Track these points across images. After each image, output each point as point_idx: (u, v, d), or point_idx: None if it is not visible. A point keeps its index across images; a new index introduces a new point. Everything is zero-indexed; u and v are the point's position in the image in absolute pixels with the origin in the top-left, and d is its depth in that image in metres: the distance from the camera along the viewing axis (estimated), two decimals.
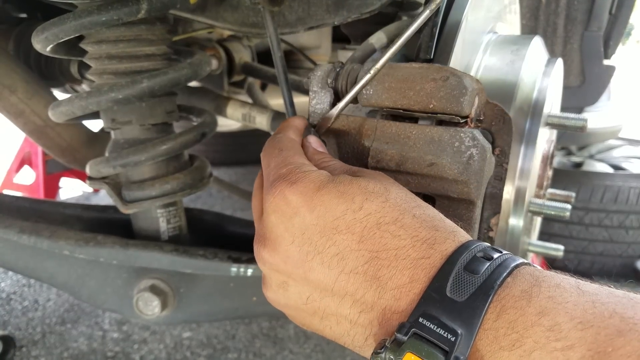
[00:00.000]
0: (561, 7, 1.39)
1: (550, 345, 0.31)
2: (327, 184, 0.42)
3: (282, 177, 0.44)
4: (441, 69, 0.49)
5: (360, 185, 0.41)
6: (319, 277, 0.40)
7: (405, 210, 0.40)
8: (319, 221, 0.41)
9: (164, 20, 0.82)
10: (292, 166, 0.44)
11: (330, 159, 0.51)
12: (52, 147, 1.15)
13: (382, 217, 0.40)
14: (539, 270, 0.37)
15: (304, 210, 0.41)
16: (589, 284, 0.35)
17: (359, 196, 0.41)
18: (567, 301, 0.32)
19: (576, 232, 1.98)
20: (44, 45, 0.75)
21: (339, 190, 0.41)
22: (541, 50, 0.70)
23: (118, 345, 1.67)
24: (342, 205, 0.40)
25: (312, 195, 0.41)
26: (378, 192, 0.41)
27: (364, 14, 0.71)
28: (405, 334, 0.34)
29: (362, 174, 0.46)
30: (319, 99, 0.55)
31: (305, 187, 0.42)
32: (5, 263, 0.94)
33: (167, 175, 0.88)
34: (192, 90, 1.29)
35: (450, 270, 0.36)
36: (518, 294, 0.34)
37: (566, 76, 1.49)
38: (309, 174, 0.43)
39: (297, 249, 0.41)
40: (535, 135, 0.63)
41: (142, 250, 0.85)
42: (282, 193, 0.42)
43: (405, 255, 0.38)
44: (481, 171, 0.47)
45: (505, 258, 0.37)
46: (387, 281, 0.38)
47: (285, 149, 0.48)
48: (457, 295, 0.34)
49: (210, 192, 3.00)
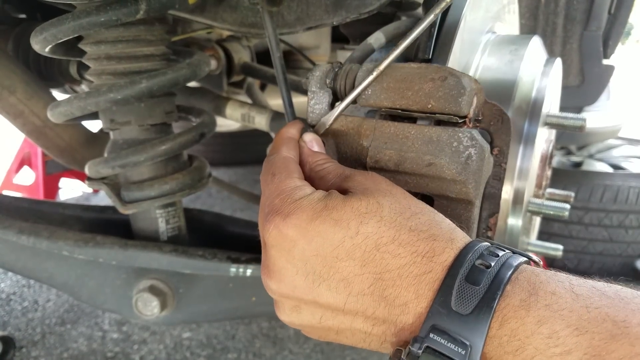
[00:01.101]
0: (560, 7, 1.39)
1: (550, 351, 0.33)
2: (320, 212, 0.42)
3: (275, 210, 0.43)
4: (439, 69, 0.49)
5: (353, 207, 0.42)
6: (328, 301, 0.42)
7: (401, 225, 0.41)
8: (319, 252, 0.41)
9: (163, 20, 0.82)
10: (284, 195, 0.44)
11: (325, 160, 0.51)
12: (51, 148, 1.15)
13: (379, 239, 0.40)
14: (536, 273, 0.38)
15: (301, 243, 0.42)
16: (582, 284, 0.37)
17: (353, 221, 0.41)
18: (562, 308, 0.34)
19: (576, 231, 1.98)
20: (42, 45, 0.74)
21: (333, 218, 0.41)
22: (540, 50, 0.70)
23: (118, 346, 1.66)
24: (339, 233, 0.41)
25: (307, 227, 0.41)
26: (372, 212, 0.41)
27: (362, 14, 0.71)
28: (419, 349, 0.37)
29: (354, 180, 0.46)
30: (317, 99, 0.55)
31: (299, 218, 0.42)
32: (5, 263, 0.94)
33: (166, 176, 0.88)
34: (191, 91, 1.29)
35: (452, 283, 0.38)
36: (517, 303, 0.36)
37: (565, 76, 1.49)
38: (301, 202, 0.43)
39: (302, 279, 0.42)
40: (534, 135, 0.63)
41: (141, 251, 0.85)
42: (277, 228, 0.42)
43: (407, 273, 0.39)
44: (480, 171, 0.47)
45: (502, 263, 0.38)
46: (394, 299, 0.40)
47: (278, 172, 0.48)
48: (462, 308, 0.37)
49: (209, 192, 3.00)
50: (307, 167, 0.51)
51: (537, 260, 0.42)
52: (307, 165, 0.51)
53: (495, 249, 0.40)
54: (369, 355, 1.62)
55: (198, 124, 0.91)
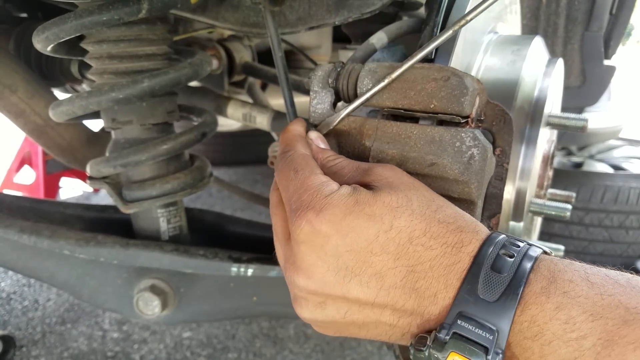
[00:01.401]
0: (562, 8, 1.39)
1: (567, 336, 0.35)
2: (353, 207, 0.42)
3: (305, 205, 0.43)
4: (442, 69, 0.49)
5: (385, 202, 0.42)
6: (358, 296, 0.42)
7: (431, 218, 0.42)
8: (353, 247, 0.41)
9: (165, 20, 0.82)
10: (312, 190, 0.44)
11: (335, 157, 0.51)
12: (52, 147, 1.15)
13: (412, 232, 0.41)
14: (554, 262, 0.40)
15: (335, 239, 0.41)
16: (596, 272, 0.39)
17: (387, 215, 0.41)
18: (579, 295, 0.36)
19: (576, 232, 1.98)
20: (44, 44, 0.75)
21: (367, 214, 0.41)
22: (542, 51, 0.70)
23: (118, 345, 1.67)
24: (373, 228, 0.41)
25: (341, 222, 0.41)
26: (403, 206, 0.42)
27: (364, 14, 0.71)
28: (447, 335, 0.38)
29: (375, 174, 0.46)
30: (319, 99, 0.55)
31: (333, 214, 0.42)
32: (6, 263, 0.94)
33: (167, 175, 0.88)
34: (192, 90, 1.29)
35: (478, 271, 0.39)
36: (538, 290, 0.38)
37: (567, 76, 1.49)
38: (332, 197, 0.43)
39: (332, 275, 0.42)
40: (535, 136, 0.63)
41: (143, 250, 0.85)
42: (310, 223, 0.42)
43: (438, 264, 0.40)
44: (482, 171, 0.47)
45: (523, 252, 0.40)
46: (425, 290, 0.41)
47: (301, 169, 0.47)
48: (488, 295, 0.38)
49: (210, 192, 3.00)
50: (319, 163, 0.51)
51: (549, 251, 0.43)
52: (318, 161, 0.51)
53: (514, 240, 0.42)
54: (369, 355, 1.62)
55: (199, 124, 0.91)
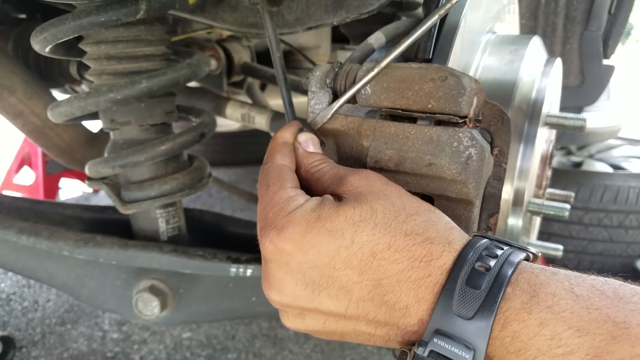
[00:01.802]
0: (560, 7, 1.39)
1: (552, 352, 0.34)
2: (314, 224, 0.42)
3: (269, 224, 0.44)
4: (440, 69, 0.49)
5: (347, 216, 0.42)
6: (330, 308, 0.42)
7: (396, 230, 0.41)
8: (316, 263, 0.41)
9: (163, 20, 0.82)
10: (277, 208, 0.44)
11: (320, 161, 0.50)
12: (51, 148, 1.15)
13: (375, 246, 0.41)
14: (535, 274, 0.38)
15: (298, 256, 0.42)
16: (581, 283, 0.37)
17: (348, 230, 0.41)
18: (564, 310, 0.35)
19: (576, 231, 1.98)
20: (42, 45, 0.75)
21: (327, 229, 0.41)
22: (540, 50, 0.70)
23: (118, 346, 1.66)
24: (334, 244, 0.41)
25: (302, 240, 0.42)
26: (365, 219, 0.41)
27: (362, 14, 0.71)
28: (424, 352, 0.38)
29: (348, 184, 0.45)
30: (317, 99, 0.55)
31: (293, 232, 0.42)
32: (5, 264, 0.94)
33: (166, 176, 0.88)
34: (191, 91, 1.29)
35: (453, 287, 0.38)
36: (519, 306, 0.37)
37: (565, 76, 1.49)
38: (294, 215, 0.43)
39: (302, 289, 0.43)
40: (534, 135, 0.63)
41: (142, 251, 0.85)
42: (273, 243, 0.43)
43: (406, 278, 0.40)
44: (480, 171, 0.47)
45: (501, 263, 0.39)
46: (395, 304, 0.40)
47: (272, 183, 0.47)
48: (464, 311, 0.37)
49: (209, 192, 3.00)
50: (303, 169, 0.51)
51: (535, 252, 0.42)
52: (302, 167, 0.51)
53: (494, 247, 0.41)
54: (369, 355, 1.62)
55: (198, 124, 0.91)
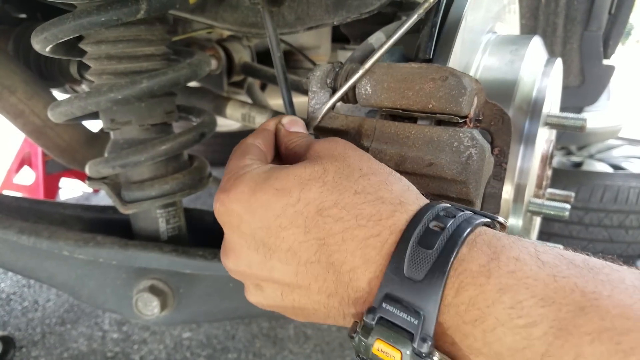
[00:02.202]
0: (561, 7, 1.39)
1: (513, 322, 0.31)
2: (261, 184, 0.41)
3: (220, 188, 0.43)
4: (440, 69, 0.49)
5: (296, 174, 0.41)
6: (282, 275, 0.41)
7: (345, 188, 0.40)
8: (263, 223, 0.41)
9: (164, 20, 0.82)
10: (231, 174, 0.44)
11: (299, 137, 0.50)
12: (51, 148, 1.15)
13: (321, 203, 0.39)
14: (497, 237, 0.35)
15: (247, 217, 0.41)
16: (548, 250, 0.34)
17: (295, 188, 0.40)
18: (527, 276, 0.32)
19: (576, 231, 1.98)
20: (43, 45, 0.75)
21: (275, 188, 0.40)
22: (540, 50, 0.70)
23: (118, 346, 1.67)
24: (281, 201, 0.40)
25: (249, 200, 0.41)
26: (315, 177, 0.40)
27: (363, 14, 0.71)
28: (372, 320, 0.35)
29: (312, 149, 0.45)
30: (318, 99, 0.55)
31: (241, 192, 0.41)
32: (5, 263, 0.94)
33: (166, 176, 0.88)
34: (191, 91, 1.29)
35: (405, 248, 0.35)
36: (476, 268, 0.33)
37: (566, 76, 1.49)
38: (243, 176, 0.42)
39: (254, 253, 0.42)
40: (534, 135, 0.63)
41: (142, 251, 0.85)
42: (223, 204, 0.42)
43: (352, 237, 0.38)
44: (480, 171, 0.47)
45: (458, 223, 0.36)
46: (341, 265, 0.38)
47: (234, 157, 0.47)
48: (414, 273, 0.34)
49: (210, 192, 3.00)
50: (283, 146, 0.50)
51: (502, 221, 0.39)
52: (282, 145, 0.51)
53: (455, 209, 0.38)
54: None
55: (198, 124, 0.91)
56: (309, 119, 0.55)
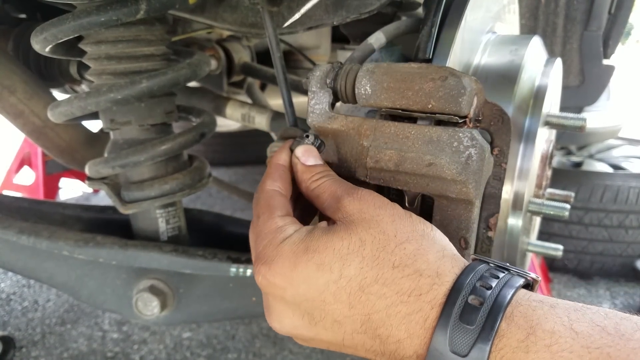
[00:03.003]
0: (560, 7, 1.39)
1: None
2: (301, 256, 0.42)
3: (260, 258, 0.44)
4: (440, 69, 0.49)
5: (335, 249, 0.42)
6: (328, 339, 0.43)
7: (384, 262, 0.41)
8: (307, 296, 0.42)
9: (163, 20, 0.82)
10: (266, 241, 0.45)
11: (320, 174, 0.50)
12: (51, 148, 1.15)
13: (363, 280, 0.41)
14: (532, 307, 0.38)
15: (290, 290, 0.43)
16: (581, 318, 0.36)
17: (336, 264, 0.41)
18: (562, 349, 0.34)
19: (576, 231, 1.98)
20: (43, 45, 0.75)
21: (315, 263, 0.42)
22: (540, 50, 0.70)
23: (118, 346, 1.67)
24: (323, 277, 0.41)
25: (292, 274, 0.42)
26: (354, 252, 0.41)
27: (363, 14, 0.71)
28: None
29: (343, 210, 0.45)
30: (317, 99, 0.55)
31: (282, 265, 0.43)
32: (5, 263, 0.94)
33: (166, 176, 0.88)
34: (191, 91, 1.29)
35: (447, 323, 0.38)
36: (515, 344, 0.36)
37: (565, 76, 1.49)
38: (282, 248, 0.43)
39: (299, 319, 0.44)
40: (534, 135, 0.63)
41: (142, 251, 0.85)
42: (265, 278, 0.44)
43: (395, 313, 0.40)
44: (480, 171, 0.47)
45: (495, 295, 0.38)
46: (387, 337, 0.40)
47: (261, 213, 0.48)
48: (458, 349, 0.37)
49: (209, 192, 3.00)
50: (303, 185, 0.51)
51: (535, 277, 0.41)
52: (302, 183, 0.51)
53: (489, 276, 0.40)
54: None
55: (198, 124, 0.91)
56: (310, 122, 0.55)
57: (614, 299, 2.02)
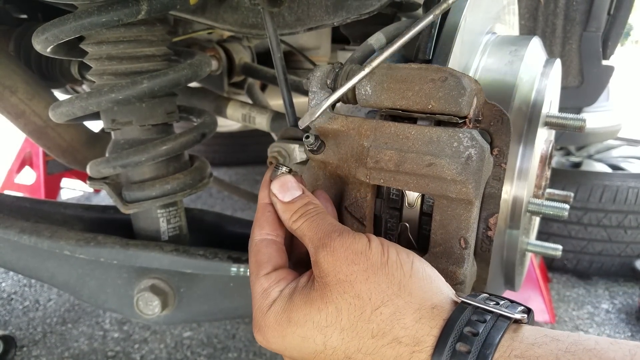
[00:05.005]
0: (560, 8, 1.39)
1: None
2: (287, 328, 0.44)
3: (254, 323, 0.47)
4: (440, 69, 0.50)
5: (314, 321, 0.43)
6: None
7: (363, 332, 0.42)
8: (304, 358, 0.45)
9: (164, 21, 0.83)
10: (256, 306, 0.47)
11: (299, 214, 0.49)
12: (52, 148, 1.16)
13: (346, 349, 0.43)
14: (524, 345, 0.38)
15: (287, 353, 0.46)
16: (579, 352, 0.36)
17: (318, 337, 0.43)
18: None
19: (575, 231, 1.99)
20: (44, 46, 0.75)
21: (300, 336, 0.44)
22: (540, 51, 0.70)
23: (119, 345, 1.67)
24: (310, 348, 0.44)
25: (284, 343, 0.45)
26: (332, 324, 0.43)
27: (363, 14, 0.72)
28: None
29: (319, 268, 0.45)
30: (318, 100, 0.56)
31: (273, 336, 0.45)
32: (6, 263, 0.94)
33: (167, 176, 0.88)
34: (192, 91, 1.29)
35: None
36: None
37: (565, 76, 1.49)
38: (268, 318, 0.46)
39: None
40: (533, 136, 0.63)
41: (143, 250, 0.86)
42: (263, 343, 0.47)
43: None
44: (479, 171, 0.48)
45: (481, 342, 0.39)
46: None
47: (251, 270, 0.50)
48: None
49: (210, 192, 3.00)
50: (287, 225, 0.51)
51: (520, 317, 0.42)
52: (285, 223, 0.51)
53: (468, 334, 0.40)
54: None
55: (199, 124, 0.91)
56: (301, 120, 0.55)
57: (612, 299, 2.02)
